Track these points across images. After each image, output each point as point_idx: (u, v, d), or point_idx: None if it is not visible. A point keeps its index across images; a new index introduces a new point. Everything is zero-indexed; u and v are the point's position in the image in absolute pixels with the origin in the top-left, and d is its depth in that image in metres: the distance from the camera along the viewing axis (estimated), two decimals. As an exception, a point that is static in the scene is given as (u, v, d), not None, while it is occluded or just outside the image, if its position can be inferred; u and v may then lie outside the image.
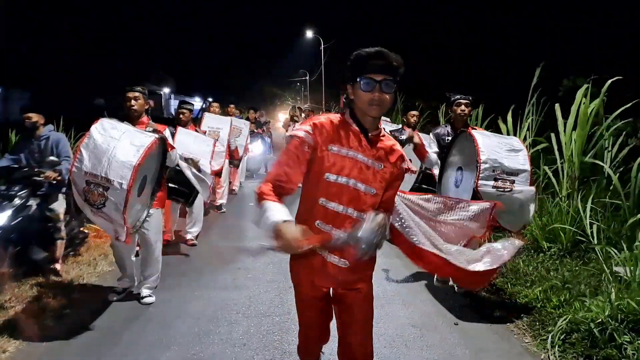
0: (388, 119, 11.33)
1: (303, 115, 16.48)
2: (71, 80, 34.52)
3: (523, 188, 5.09)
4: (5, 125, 9.58)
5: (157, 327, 5.01)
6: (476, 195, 5.00)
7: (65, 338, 4.72)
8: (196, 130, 8.16)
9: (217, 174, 8.52)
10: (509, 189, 5.03)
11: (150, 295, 5.63)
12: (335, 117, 2.85)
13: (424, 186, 7.12)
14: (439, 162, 6.06)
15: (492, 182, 5.02)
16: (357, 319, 3.00)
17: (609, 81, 7.58)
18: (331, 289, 3.02)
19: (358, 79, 2.65)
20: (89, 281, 6.24)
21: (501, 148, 5.21)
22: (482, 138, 5.27)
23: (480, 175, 5.00)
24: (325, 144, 2.74)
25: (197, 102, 54.72)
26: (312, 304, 3.06)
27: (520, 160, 5.18)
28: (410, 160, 3.01)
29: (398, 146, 2.91)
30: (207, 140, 7.63)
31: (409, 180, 7.34)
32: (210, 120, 9.58)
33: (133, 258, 5.72)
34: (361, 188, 2.75)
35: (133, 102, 5.40)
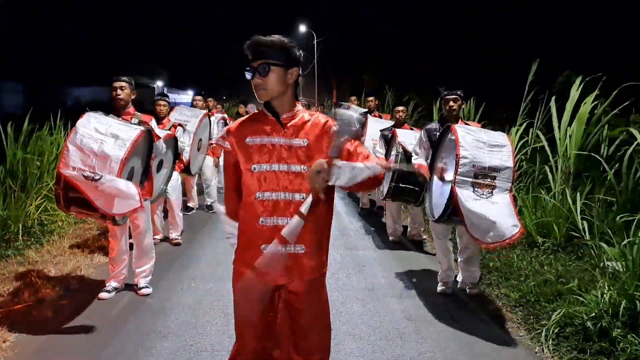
0: (381, 116, 11.26)
1: None
2: (63, 73, 34.43)
3: (501, 196, 4.97)
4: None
5: (155, 318, 5.04)
6: (453, 191, 4.97)
7: (64, 328, 4.77)
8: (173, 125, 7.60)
9: (184, 171, 8.27)
10: (489, 186, 4.95)
11: (147, 286, 5.67)
12: (254, 113, 2.98)
13: (401, 185, 7.18)
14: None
15: (471, 179, 4.94)
16: (315, 313, 2.93)
17: (603, 80, 7.64)
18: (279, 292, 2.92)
19: (245, 72, 2.78)
20: (86, 273, 6.25)
21: (484, 144, 5.11)
22: (464, 133, 5.18)
23: (459, 170, 4.94)
24: (241, 141, 2.81)
25: (189, 96, 54.58)
26: (260, 298, 2.88)
27: (504, 156, 5.06)
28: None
29: (320, 117, 2.90)
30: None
31: (386, 181, 7.41)
32: (177, 114, 8.76)
33: (126, 256, 5.71)
34: (291, 169, 2.77)
35: (119, 91, 5.40)
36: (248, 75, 2.75)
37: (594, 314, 4.54)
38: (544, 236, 7.00)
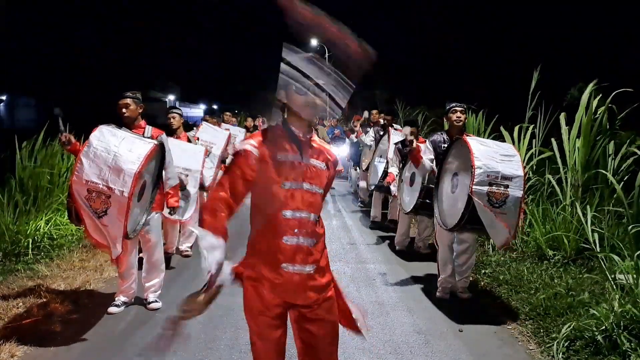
0: (399, 127, 11.19)
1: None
2: (77, 88, 34.63)
3: (510, 209, 5.23)
4: (11, 131, 9.59)
5: (163, 332, 5.03)
6: (470, 201, 5.18)
7: (73, 343, 4.76)
8: (188, 139, 7.73)
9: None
10: (503, 194, 5.17)
11: (156, 301, 5.66)
12: (274, 128, 2.87)
13: (427, 201, 7.19)
14: (433, 168, 6.19)
15: (486, 188, 5.16)
16: (328, 329, 2.90)
17: (615, 92, 7.59)
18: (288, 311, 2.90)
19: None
20: (95, 287, 6.26)
21: (495, 154, 5.39)
22: (477, 145, 5.47)
23: (475, 180, 5.16)
24: (273, 156, 2.73)
25: (201, 109, 54.75)
26: (276, 324, 2.84)
27: (514, 165, 5.34)
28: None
29: (331, 149, 2.97)
30: (196, 151, 7.37)
31: (412, 195, 7.39)
32: (205, 134, 8.67)
33: (135, 270, 5.71)
34: (312, 189, 2.78)
35: (124, 109, 5.43)
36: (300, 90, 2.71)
37: (604, 327, 4.50)
38: (554, 249, 6.96)
